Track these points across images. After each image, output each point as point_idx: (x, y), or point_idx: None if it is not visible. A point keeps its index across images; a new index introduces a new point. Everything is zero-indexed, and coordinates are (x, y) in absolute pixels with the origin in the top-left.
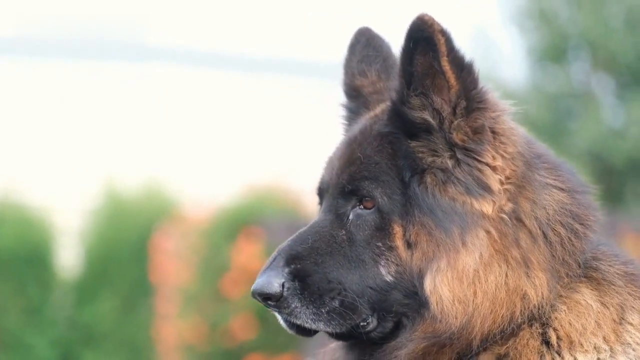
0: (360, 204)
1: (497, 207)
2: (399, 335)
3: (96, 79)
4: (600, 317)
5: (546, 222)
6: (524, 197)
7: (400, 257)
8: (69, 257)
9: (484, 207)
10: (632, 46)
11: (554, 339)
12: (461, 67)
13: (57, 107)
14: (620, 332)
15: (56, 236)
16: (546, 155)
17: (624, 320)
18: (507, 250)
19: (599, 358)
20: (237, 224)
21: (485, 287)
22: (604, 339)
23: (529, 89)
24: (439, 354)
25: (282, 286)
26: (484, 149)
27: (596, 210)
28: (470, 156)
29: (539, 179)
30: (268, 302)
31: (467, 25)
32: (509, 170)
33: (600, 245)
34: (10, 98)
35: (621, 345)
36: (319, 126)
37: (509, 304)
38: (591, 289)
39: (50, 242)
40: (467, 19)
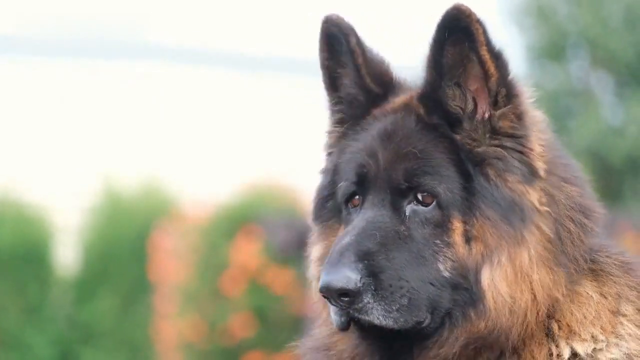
0: (415, 199)
1: (540, 198)
2: (441, 332)
3: (96, 78)
4: (600, 307)
5: (560, 217)
6: (549, 190)
7: (458, 252)
8: (68, 255)
9: (534, 196)
10: (631, 44)
11: (555, 329)
12: (497, 55)
13: (56, 106)
14: (615, 323)
15: (55, 235)
16: (556, 144)
17: (619, 311)
18: (545, 246)
19: (595, 348)
20: (236, 222)
21: (531, 285)
22: (602, 328)
23: (528, 87)
24: (479, 355)
25: (359, 282)
26: (529, 135)
27: (598, 203)
28: (519, 142)
29: (560, 171)
30: (342, 298)
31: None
32: (545, 158)
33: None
34: (9, 97)
35: (615, 337)
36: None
37: (544, 303)
38: (591, 279)
39: (49, 240)
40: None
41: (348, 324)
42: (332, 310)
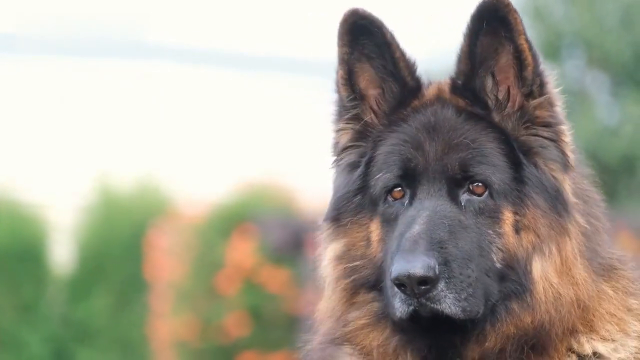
0: (468, 189)
1: (572, 190)
2: (482, 327)
3: (94, 77)
4: (615, 303)
5: (585, 211)
6: (576, 182)
7: (508, 243)
8: (63, 254)
9: (568, 187)
10: (627, 44)
11: (578, 325)
12: (532, 45)
13: (55, 105)
14: (626, 320)
15: (50, 233)
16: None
17: (629, 307)
18: (581, 240)
19: (612, 347)
20: (232, 221)
21: (575, 278)
22: (617, 325)
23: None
24: (520, 349)
25: (436, 270)
26: (563, 123)
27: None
28: (554, 132)
29: (578, 164)
30: (421, 286)
31: (461, 23)
32: (572, 148)
33: None
34: (8, 95)
35: (625, 335)
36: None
37: (584, 298)
38: (603, 275)
39: (44, 239)
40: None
41: (413, 314)
42: (398, 299)
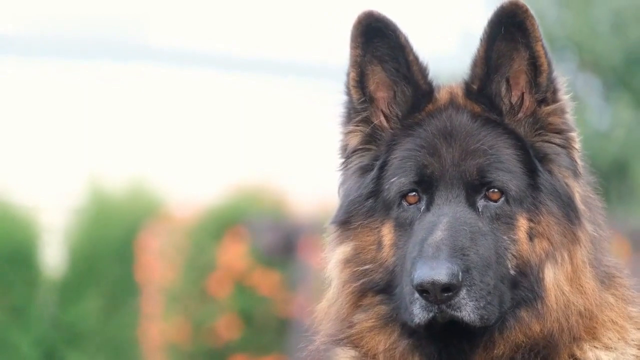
0: (485, 195)
1: (580, 197)
2: (490, 334)
3: (93, 79)
4: (616, 311)
5: (591, 219)
6: (584, 189)
7: (522, 250)
8: (53, 256)
9: (577, 195)
10: (618, 48)
11: (582, 332)
12: (547, 51)
13: (45, 106)
14: (626, 328)
15: (41, 235)
16: None
17: (629, 315)
18: (589, 247)
19: (614, 356)
20: (223, 223)
21: (584, 287)
22: (618, 333)
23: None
24: (527, 358)
25: (460, 277)
26: (573, 130)
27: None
28: (565, 138)
29: (584, 172)
30: (444, 293)
31: (453, 27)
32: (581, 155)
33: None
34: (5, 97)
35: (625, 343)
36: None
37: (592, 308)
38: (603, 282)
39: (35, 240)
40: (454, 20)
41: (431, 320)
42: (419, 305)
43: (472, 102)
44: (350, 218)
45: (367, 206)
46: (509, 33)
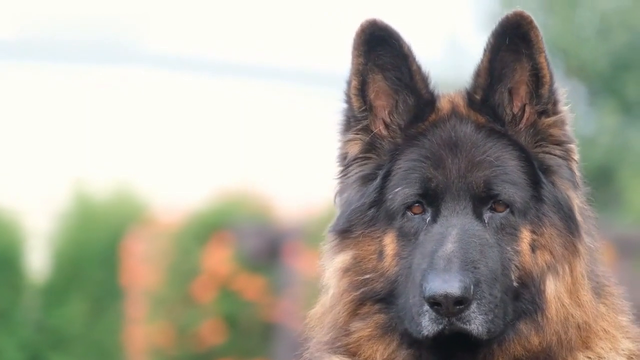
0: (491, 207)
1: (578, 209)
2: (489, 346)
3: (86, 83)
4: (608, 320)
5: (587, 231)
6: (582, 201)
7: (524, 261)
8: (38, 260)
9: (576, 207)
10: (604, 54)
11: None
12: (549, 62)
13: (31, 110)
14: (618, 337)
15: (26, 239)
16: None
17: (619, 324)
18: (587, 259)
19: None
20: (208, 228)
21: (582, 300)
22: (610, 343)
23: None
24: None
25: (471, 290)
26: (573, 142)
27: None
28: (565, 150)
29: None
30: (456, 306)
31: (439, 32)
32: (579, 167)
33: None
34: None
35: (616, 354)
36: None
37: (589, 321)
38: (597, 293)
39: (19, 244)
40: (440, 25)
41: (440, 333)
42: (428, 317)
43: (475, 112)
44: (351, 227)
45: (369, 215)
46: (512, 44)
